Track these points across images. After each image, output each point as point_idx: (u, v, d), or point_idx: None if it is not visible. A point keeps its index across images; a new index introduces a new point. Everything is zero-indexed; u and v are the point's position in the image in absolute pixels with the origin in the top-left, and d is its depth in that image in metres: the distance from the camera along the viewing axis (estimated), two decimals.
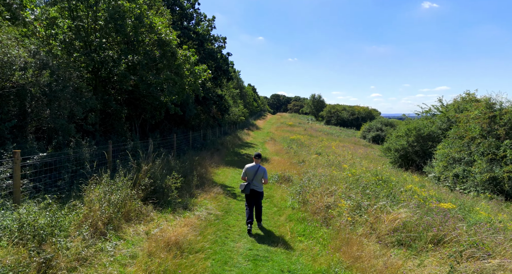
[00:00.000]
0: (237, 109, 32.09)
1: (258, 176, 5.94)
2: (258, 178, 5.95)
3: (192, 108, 15.37)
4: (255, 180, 5.94)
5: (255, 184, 5.95)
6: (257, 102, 69.39)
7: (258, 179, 5.96)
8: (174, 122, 16.46)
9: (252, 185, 5.93)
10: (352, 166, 13.45)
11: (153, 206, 5.73)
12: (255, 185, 5.95)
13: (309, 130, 45.10)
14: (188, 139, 16.17)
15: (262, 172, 5.97)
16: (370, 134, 43.59)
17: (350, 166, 13.27)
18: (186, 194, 6.99)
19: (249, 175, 5.97)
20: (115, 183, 5.20)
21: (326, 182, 8.78)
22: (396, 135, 15.61)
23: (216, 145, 17.72)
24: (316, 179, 9.87)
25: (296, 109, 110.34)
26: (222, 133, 26.10)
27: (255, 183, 5.95)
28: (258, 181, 5.97)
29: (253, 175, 5.91)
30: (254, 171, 5.93)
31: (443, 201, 7.19)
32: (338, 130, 52.76)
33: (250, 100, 55.96)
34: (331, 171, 10.55)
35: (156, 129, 15.12)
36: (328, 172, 10.99)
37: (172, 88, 9.29)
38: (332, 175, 9.75)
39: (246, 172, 6.02)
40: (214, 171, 11.37)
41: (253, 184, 5.93)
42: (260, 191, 6.04)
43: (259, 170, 5.94)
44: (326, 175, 10.54)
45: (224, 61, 18.53)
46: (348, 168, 10.93)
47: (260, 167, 5.99)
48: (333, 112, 64.72)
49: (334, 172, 9.87)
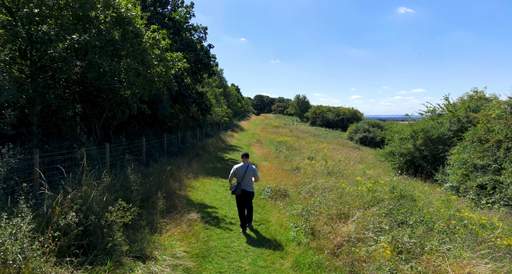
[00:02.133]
0: (220, 109, 29.80)
1: (248, 175, 5.81)
2: (248, 178, 5.82)
3: (167, 106, 13.03)
4: (245, 179, 5.80)
5: (246, 183, 5.82)
6: (241, 103, 67.28)
7: (249, 178, 5.84)
8: (146, 123, 14.04)
9: (243, 185, 5.80)
10: (354, 174, 11.61)
11: (77, 265, 3.36)
12: (246, 185, 5.81)
13: (295, 131, 43.55)
14: (162, 142, 13.80)
15: (252, 171, 5.87)
16: (357, 135, 42.44)
17: (352, 173, 11.42)
18: (143, 229, 4.72)
19: (238, 175, 5.83)
20: (2, 229, 2.91)
21: (336, 200, 6.80)
22: (400, 137, 13.94)
23: (196, 149, 15.42)
24: (320, 195, 7.88)
25: (280, 110, 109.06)
26: (204, 135, 23.75)
27: (246, 183, 5.82)
28: (248, 180, 5.84)
29: (243, 175, 5.77)
30: (244, 171, 5.79)
31: (497, 228, 5.34)
32: (324, 131, 51.59)
33: (234, 100, 53.72)
34: (337, 183, 8.60)
35: (122, 131, 12.67)
36: (331, 184, 9.04)
37: (135, 79, 7.01)
38: (341, 189, 7.79)
39: (235, 172, 5.86)
40: (191, 184, 9.13)
41: (244, 184, 5.80)
42: (251, 191, 5.91)
43: (248, 169, 5.82)
44: (331, 188, 8.58)
45: (205, 54, 16.27)
46: (363, 182, 9.02)
47: (250, 166, 5.88)
48: (318, 113, 63.58)
49: (343, 185, 7.90)
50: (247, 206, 6.04)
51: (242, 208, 5.88)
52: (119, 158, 9.90)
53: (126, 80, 6.84)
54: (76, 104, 9.75)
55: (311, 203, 7.47)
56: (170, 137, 15.39)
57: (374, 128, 43.08)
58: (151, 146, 12.73)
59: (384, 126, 44.24)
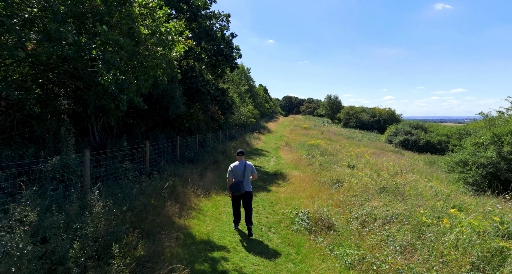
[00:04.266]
0: (246, 109, 27.57)
1: (247, 173, 5.57)
2: (247, 176, 5.58)
3: (180, 104, 10.93)
4: (245, 178, 5.55)
5: (247, 183, 5.58)
6: (269, 103, 64.92)
7: (247, 176, 5.59)
8: (155, 124, 12.06)
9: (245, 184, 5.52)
10: (417, 189, 8.70)
11: None
12: (246, 184, 5.57)
13: (326, 133, 40.35)
14: (175, 147, 11.75)
15: (250, 168, 5.64)
16: (398, 138, 38.20)
17: (414, 190, 8.52)
18: None
19: (237, 174, 5.57)
20: None
21: (415, 245, 4.13)
22: (474, 142, 10.66)
23: (215, 154, 13.20)
24: (382, 230, 5.25)
25: (310, 111, 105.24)
26: (228, 138, 21.62)
27: (246, 182, 5.58)
28: (247, 179, 5.60)
29: (242, 173, 5.53)
30: (242, 169, 5.54)
31: None
32: (359, 133, 47.69)
33: (261, 101, 51.46)
34: (404, 209, 5.86)
35: (127, 133, 10.76)
36: (395, 210, 6.30)
37: (113, 55, 4.81)
38: (415, 220, 5.08)
39: (232, 171, 5.59)
40: (199, 205, 6.83)
41: (245, 182, 5.54)
42: (250, 191, 5.63)
43: (246, 167, 5.59)
44: (396, 216, 5.87)
45: (226, 44, 14.05)
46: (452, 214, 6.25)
47: (247, 164, 5.64)
48: (351, 114, 59.47)
49: (424, 218, 5.15)
50: (246, 208, 5.62)
51: (239, 205, 5.75)
52: (114, 168, 7.89)
53: (100, 57, 4.68)
54: (61, 99, 7.88)
55: (372, 244, 4.85)
56: (186, 140, 13.35)
57: (417, 130, 38.63)
58: (160, 151, 10.70)
59: (428, 128, 39.60)
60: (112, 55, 4.78)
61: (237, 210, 5.75)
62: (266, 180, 10.68)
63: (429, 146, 35.17)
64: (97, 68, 4.77)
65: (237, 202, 5.70)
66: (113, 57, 4.80)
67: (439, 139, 35.20)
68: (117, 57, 4.86)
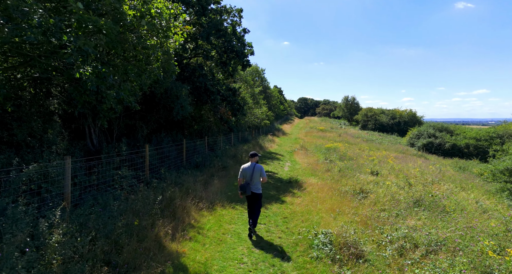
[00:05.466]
0: (260, 111, 26.50)
1: (256, 175, 5.56)
2: (255, 178, 5.57)
3: (186, 104, 10.01)
4: (253, 180, 5.55)
5: (254, 185, 5.56)
6: (284, 105, 63.64)
7: (256, 178, 5.58)
8: (160, 126, 11.21)
9: (252, 186, 5.54)
10: (458, 204, 7.34)
11: None
12: (253, 186, 5.56)
13: (344, 136, 38.66)
14: (181, 150, 10.85)
15: (259, 170, 5.62)
16: (420, 141, 36.02)
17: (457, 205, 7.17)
18: None
19: (246, 175, 5.59)
20: None
21: None
22: None
23: (225, 159, 12.21)
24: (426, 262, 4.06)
25: (326, 113, 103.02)
26: (241, 141, 20.63)
27: (254, 184, 5.56)
28: (256, 181, 5.58)
29: (250, 175, 5.55)
30: (251, 171, 5.57)
31: None
32: (378, 136, 45.60)
33: (276, 102, 50.28)
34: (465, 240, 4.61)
35: (129, 136, 9.95)
36: (437, 232, 5.05)
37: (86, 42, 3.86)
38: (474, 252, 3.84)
39: (242, 172, 5.65)
40: (200, 222, 5.81)
41: (252, 185, 5.55)
42: (259, 192, 5.62)
43: (255, 168, 5.59)
44: (439, 241, 4.64)
45: (238, 40, 13.08)
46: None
47: (257, 165, 5.64)
48: (369, 116, 57.23)
49: (491, 253, 3.91)
50: (255, 209, 5.69)
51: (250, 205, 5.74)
52: (108, 175, 7.03)
53: (72, 44, 3.75)
54: (51, 99, 7.10)
55: None
56: (194, 144, 12.44)
57: (441, 132, 36.28)
58: (164, 155, 9.81)
59: (454, 131, 37.15)
60: (85, 42, 3.84)
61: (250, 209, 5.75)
62: (280, 188, 9.57)
63: (455, 150, 32.84)
64: (67, 57, 3.84)
65: (252, 206, 5.74)
66: (86, 43, 3.85)
67: (466, 143, 32.80)
68: (91, 44, 3.91)
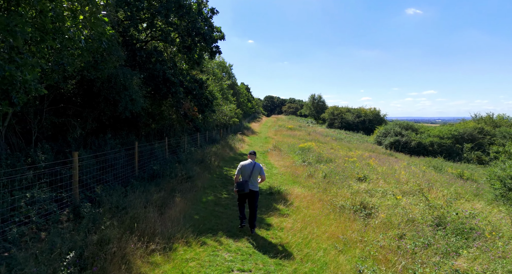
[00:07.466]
0: (229, 108, 24.31)
1: (254, 174, 5.53)
2: (254, 176, 5.56)
3: (138, 97, 7.63)
4: (252, 178, 5.51)
5: (252, 183, 5.53)
6: (252, 103, 61.88)
7: (255, 177, 5.57)
8: (102, 125, 8.66)
9: (250, 184, 5.49)
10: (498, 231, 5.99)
11: None
12: (252, 184, 5.52)
13: (313, 134, 37.90)
14: (132, 156, 8.42)
15: (258, 169, 5.59)
16: (388, 140, 36.33)
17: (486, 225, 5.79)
18: None
19: (245, 173, 5.53)
20: None
21: None
22: None
23: (189, 165, 9.96)
24: None
25: (292, 111, 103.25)
26: (208, 141, 18.32)
27: (252, 182, 5.54)
28: (254, 179, 5.57)
29: (250, 173, 5.49)
30: (251, 169, 5.50)
31: None
32: (345, 134, 45.78)
33: (244, 100, 48.28)
34: None
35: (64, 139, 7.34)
36: None
37: None
38: None
39: (241, 169, 5.56)
40: None
41: (250, 183, 5.51)
42: (257, 190, 5.58)
43: (255, 167, 5.55)
44: None
45: (204, 22, 10.86)
46: None
47: (256, 164, 5.59)
48: (336, 114, 57.67)
49: None
50: (251, 208, 5.55)
51: (243, 204, 5.66)
52: (7, 202, 4.58)
53: None
54: None
55: None
56: (151, 147, 10.01)
57: (407, 131, 36.91)
58: (108, 164, 7.35)
59: (419, 129, 38.08)
60: None
61: (242, 209, 5.66)
62: (261, 203, 7.54)
63: (420, 148, 33.50)
64: None
65: (242, 201, 5.67)
66: None
67: (431, 141, 33.58)
68: None
